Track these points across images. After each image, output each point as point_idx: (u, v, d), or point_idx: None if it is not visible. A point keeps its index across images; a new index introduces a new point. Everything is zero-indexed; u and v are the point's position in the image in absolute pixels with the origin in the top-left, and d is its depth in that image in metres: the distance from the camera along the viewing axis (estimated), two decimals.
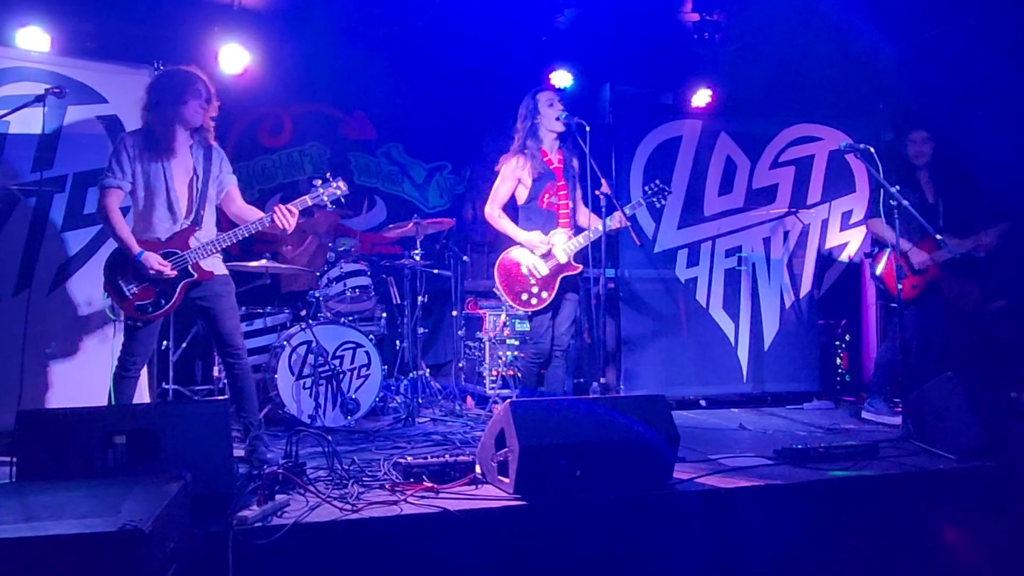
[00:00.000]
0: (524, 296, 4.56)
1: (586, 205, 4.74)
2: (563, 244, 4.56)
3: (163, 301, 3.68)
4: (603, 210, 4.51)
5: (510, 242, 4.69)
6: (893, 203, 4.56)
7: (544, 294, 4.54)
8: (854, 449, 3.88)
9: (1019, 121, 5.88)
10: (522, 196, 4.69)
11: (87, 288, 4.58)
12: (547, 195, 4.64)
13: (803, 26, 6.10)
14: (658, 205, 4.77)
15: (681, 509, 3.24)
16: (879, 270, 5.25)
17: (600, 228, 4.49)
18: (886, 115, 6.55)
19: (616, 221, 4.49)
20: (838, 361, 6.41)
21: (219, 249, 3.80)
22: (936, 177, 5.19)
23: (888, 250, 5.19)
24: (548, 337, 4.67)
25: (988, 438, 3.77)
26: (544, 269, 4.55)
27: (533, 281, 4.55)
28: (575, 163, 4.71)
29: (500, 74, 6.88)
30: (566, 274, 4.58)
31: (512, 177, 4.67)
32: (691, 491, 3.31)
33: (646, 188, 4.76)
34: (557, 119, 4.55)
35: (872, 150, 4.71)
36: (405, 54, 6.62)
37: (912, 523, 3.47)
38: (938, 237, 4.83)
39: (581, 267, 4.62)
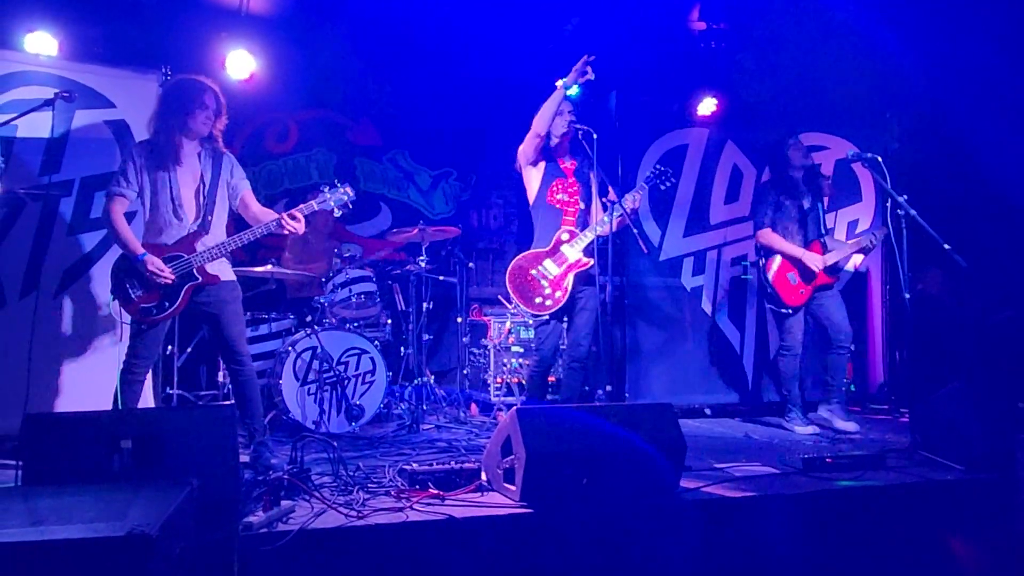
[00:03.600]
0: (538, 300, 4.46)
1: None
2: (570, 241, 4.52)
3: (167, 304, 3.69)
4: (611, 217, 4.49)
5: (524, 246, 4.65)
6: (900, 212, 4.53)
7: (558, 294, 4.46)
8: (861, 459, 3.86)
9: None
10: (532, 191, 4.64)
11: (94, 291, 4.58)
12: (555, 192, 4.59)
13: (809, 35, 6.11)
14: (662, 187, 4.75)
15: (688, 518, 3.22)
16: (771, 276, 5.24)
17: (607, 219, 4.43)
18: (893, 124, 6.54)
19: (629, 201, 4.46)
20: None
21: (225, 252, 3.80)
22: (810, 183, 5.30)
23: (778, 257, 5.22)
24: (551, 345, 4.62)
25: (995, 449, 3.75)
26: (555, 268, 4.48)
27: (545, 283, 4.47)
28: (591, 173, 4.70)
29: (507, 82, 6.89)
30: (578, 271, 4.51)
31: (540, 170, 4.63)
32: (698, 500, 3.29)
33: (649, 173, 4.76)
34: (566, 123, 4.57)
35: (879, 159, 4.70)
36: (411, 61, 6.63)
37: (919, 533, 3.45)
38: (824, 241, 5.22)
39: (592, 261, 4.46)
